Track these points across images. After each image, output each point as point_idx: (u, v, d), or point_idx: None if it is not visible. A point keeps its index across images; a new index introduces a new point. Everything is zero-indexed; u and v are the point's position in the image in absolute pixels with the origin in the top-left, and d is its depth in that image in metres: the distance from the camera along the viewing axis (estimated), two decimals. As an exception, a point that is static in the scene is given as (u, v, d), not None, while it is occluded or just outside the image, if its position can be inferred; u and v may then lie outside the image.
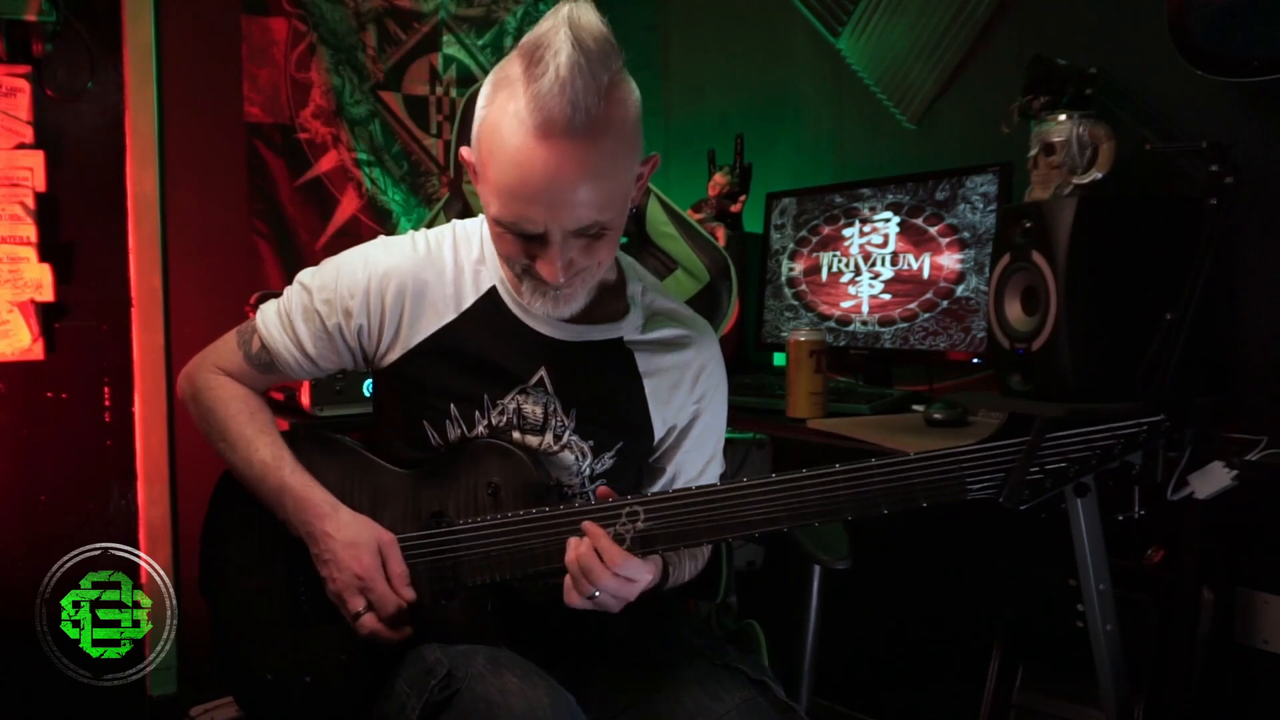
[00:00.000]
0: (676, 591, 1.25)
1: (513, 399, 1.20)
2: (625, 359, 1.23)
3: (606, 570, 1.03)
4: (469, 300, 1.20)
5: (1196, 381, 1.44)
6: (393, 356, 1.20)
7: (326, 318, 1.20)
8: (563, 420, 1.21)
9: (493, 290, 1.21)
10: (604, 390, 1.22)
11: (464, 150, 1.14)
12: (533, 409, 1.20)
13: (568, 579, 1.06)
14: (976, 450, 1.00)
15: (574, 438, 1.21)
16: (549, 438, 1.21)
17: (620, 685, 1.17)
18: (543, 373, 1.20)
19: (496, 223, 1.08)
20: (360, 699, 1.16)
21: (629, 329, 1.24)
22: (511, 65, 1.03)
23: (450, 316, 1.20)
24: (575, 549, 1.05)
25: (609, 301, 1.23)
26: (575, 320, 1.20)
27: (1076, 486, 0.99)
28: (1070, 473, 0.97)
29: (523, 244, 1.08)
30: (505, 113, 1.01)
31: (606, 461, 1.23)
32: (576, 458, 1.22)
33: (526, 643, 1.15)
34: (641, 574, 1.06)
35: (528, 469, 1.16)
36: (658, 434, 1.26)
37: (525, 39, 1.01)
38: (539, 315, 1.19)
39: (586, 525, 1.06)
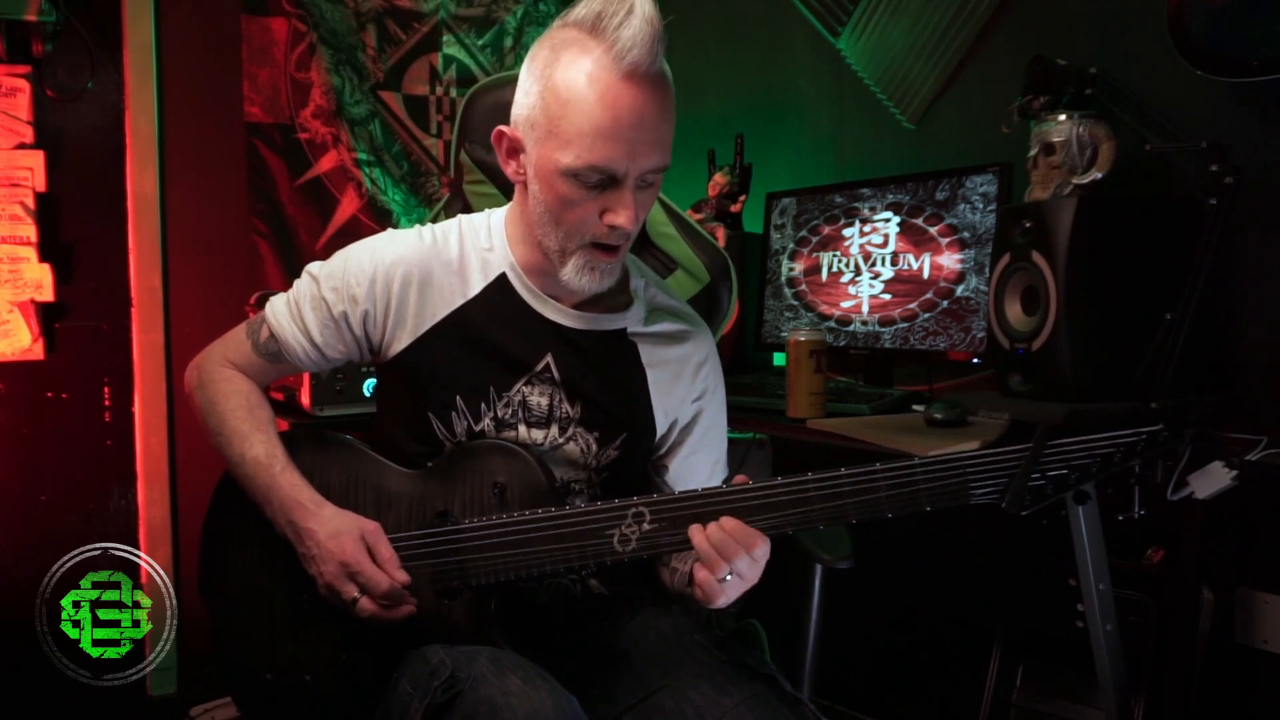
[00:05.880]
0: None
1: (518, 390, 1.20)
2: (629, 350, 1.25)
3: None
4: (477, 287, 1.22)
5: (1196, 381, 1.44)
6: (399, 345, 1.21)
7: (334, 305, 1.21)
8: (567, 411, 1.21)
9: (502, 276, 1.22)
10: (609, 379, 1.23)
11: (502, 128, 1.16)
12: (538, 400, 1.21)
13: (713, 580, 1.04)
14: (981, 456, 1.00)
15: (579, 429, 1.22)
16: (554, 430, 1.21)
17: (626, 683, 1.16)
18: (549, 359, 1.21)
19: (573, 175, 1.09)
20: (361, 698, 1.16)
21: (633, 320, 1.26)
22: (565, 32, 1.10)
23: (459, 302, 1.21)
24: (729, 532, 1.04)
25: (615, 293, 1.24)
26: (583, 308, 1.22)
27: (1076, 494, 0.99)
28: (1071, 479, 0.98)
29: (596, 199, 1.10)
30: (576, 67, 1.07)
31: (611, 453, 1.24)
32: (582, 449, 1.22)
33: (530, 643, 1.14)
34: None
35: (533, 469, 1.16)
36: (660, 427, 1.26)
37: (578, 11, 1.09)
38: (551, 303, 1.21)
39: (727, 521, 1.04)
